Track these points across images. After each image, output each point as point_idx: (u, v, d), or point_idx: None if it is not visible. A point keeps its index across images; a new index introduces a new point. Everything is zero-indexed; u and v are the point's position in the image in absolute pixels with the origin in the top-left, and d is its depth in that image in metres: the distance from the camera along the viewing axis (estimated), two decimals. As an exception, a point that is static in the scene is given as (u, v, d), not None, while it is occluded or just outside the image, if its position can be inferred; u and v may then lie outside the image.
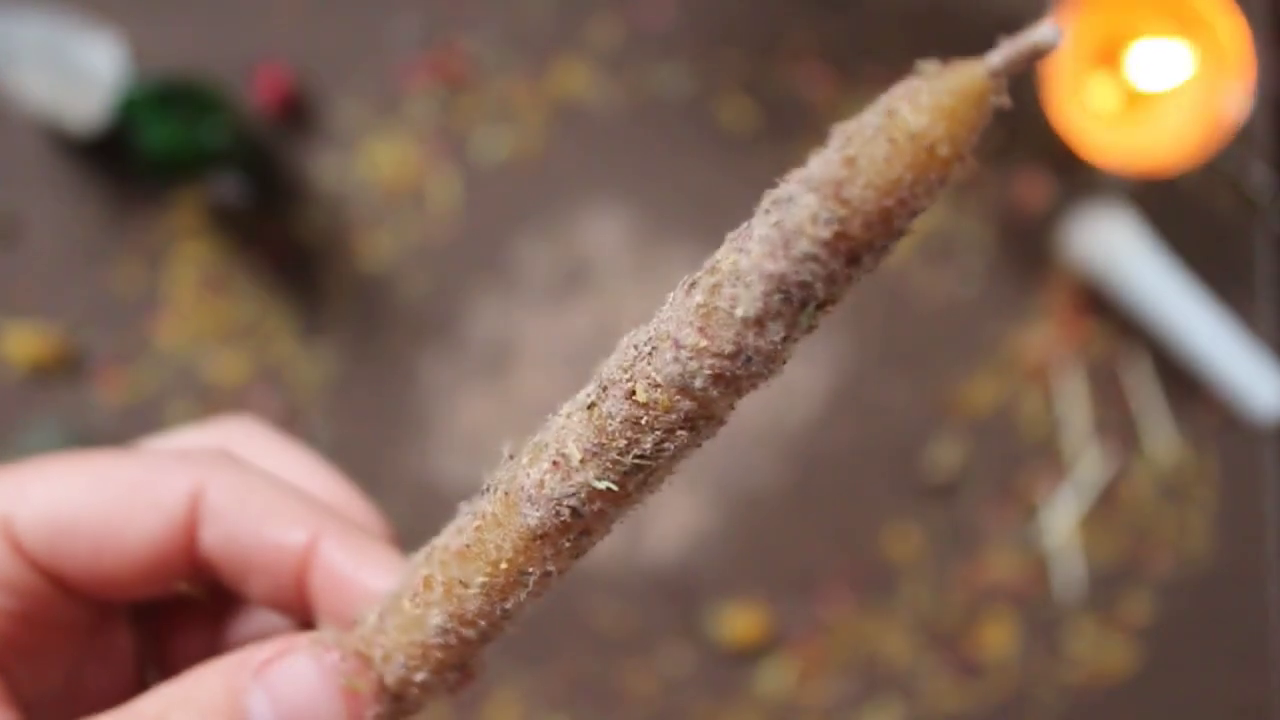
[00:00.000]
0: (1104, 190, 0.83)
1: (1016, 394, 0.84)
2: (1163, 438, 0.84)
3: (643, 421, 0.23)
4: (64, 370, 0.81)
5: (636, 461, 0.23)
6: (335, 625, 0.30)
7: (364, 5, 0.83)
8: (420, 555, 0.28)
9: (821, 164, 0.20)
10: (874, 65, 0.83)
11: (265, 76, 0.81)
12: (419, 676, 0.28)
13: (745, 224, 0.21)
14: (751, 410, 0.83)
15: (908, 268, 0.83)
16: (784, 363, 0.22)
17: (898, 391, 0.83)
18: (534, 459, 0.24)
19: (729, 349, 0.21)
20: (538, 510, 0.24)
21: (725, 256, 0.21)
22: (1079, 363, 0.84)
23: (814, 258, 0.20)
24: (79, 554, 0.29)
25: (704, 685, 0.83)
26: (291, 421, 0.82)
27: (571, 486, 0.24)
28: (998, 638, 0.83)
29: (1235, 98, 0.77)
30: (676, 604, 0.83)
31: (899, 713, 0.83)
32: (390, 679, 0.28)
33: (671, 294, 0.22)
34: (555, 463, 0.24)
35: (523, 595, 0.26)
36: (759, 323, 0.21)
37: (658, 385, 0.22)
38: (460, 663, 0.28)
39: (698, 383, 0.22)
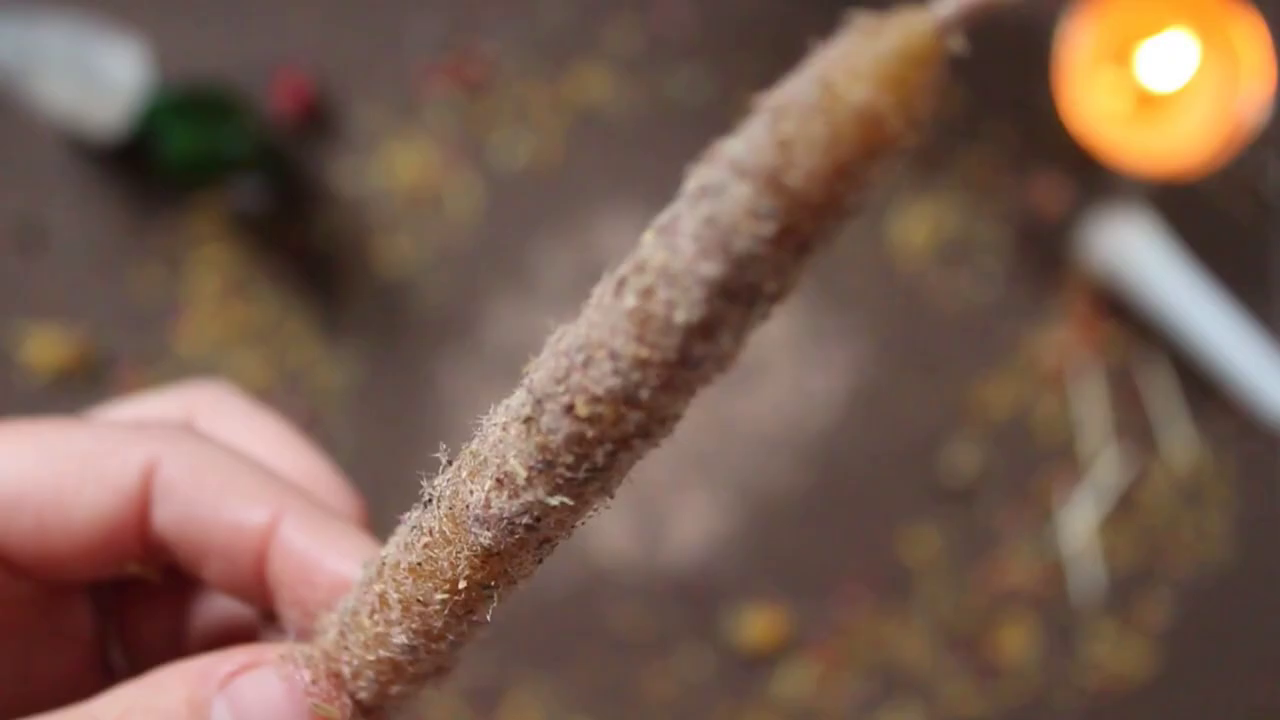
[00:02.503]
0: (1122, 193, 0.83)
1: (1034, 397, 0.84)
2: (1181, 441, 0.84)
3: (589, 436, 0.20)
4: (86, 375, 0.82)
5: (589, 475, 0.21)
6: (297, 614, 0.28)
7: (383, 10, 0.83)
8: (371, 569, 0.25)
9: (751, 148, 0.17)
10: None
11: (285, 82, 0.81)
12: (394, 689, 0.26)
13: (670, 209, 0.18)
14: (770, 414, 0.83)
15: (925, 271, 0.83)
16: (738, 357, 0.19)
17: (915, 395, 0.83)
18: (474, 474, 0.22)
19: (674, 357, 0.18)
20: (489, 530, 0.22)
21: (653, 252, 0.18)
22: (1097, 366, 0.84)
23: (757, 257, 0.17)
24: (22, 530, 0.27)
25: (723, 688, 0.83)
26: (311, 426, 0.82)
27: (522, 505, 0.21)
28: (1016, 641, 0.83)
29: (1253, 101, 0.77)
30: (695, 607, 0.83)
31: (917, 715, 0.83)
32: (363, 695, 0.26)
33: (598, 290, 0.19)
34: (499, 480, 0.21)
35: (490, 607, 0.24)
36: (704, 328, 0.18)
37: (599, 399, 0.19)
38: (436, 670, 0.26)
39: (644, 394, 0.19)
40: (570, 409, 0.20)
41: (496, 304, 0.83)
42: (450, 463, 0.23)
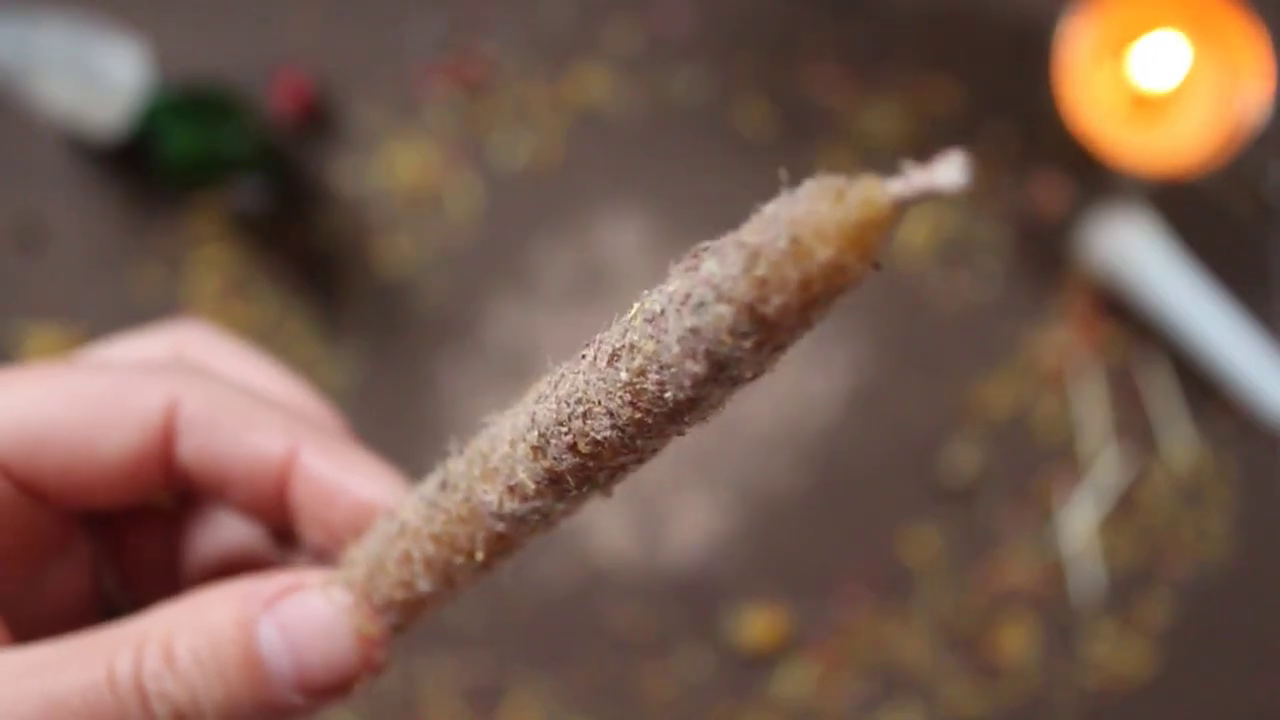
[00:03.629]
0: (1121, 193, 0.83)
1: (1034, 397, 0.84)
2: (1181, 440, 0.84)
3: (590, 465, 0.23)
4: (86, 375, 0.81)
5: (590, 488, 0.24)
6: (318, 534, 0.31)
7: (383, 10, 0.83)
8: (393, 527, 0.28)
9: (730, 280, 0.19)
10: (891, 68, 0.83)
11: (285, 82, 0.81)
12: (420, 615, 0.29)
13: (656, 296, 0.21)
14: (770, 414, 0.83)
15: (925, 271, 0.83)
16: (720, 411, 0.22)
17: (915, 395, 0.83)
18: (487, 477, 0.25)
19: (664, 419, 0.22)
20: (502, 524, 0.26)
21: (643, 341, 0.21)
22: (1097, 366, 0.84)
23: (736, 360, 0.20)
24: (53, 463, 0.29)
25: (723, 688, 0.83)
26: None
27: (531, 507, 0.25)
28: (1016, 641, 0.83)
29: (1253, 100, 0.77)
30: (695, 607, 0.83)
31: (917, 715, 0.83)
32: (393, 620, 0.29)
33: (590, 351, 0.22)
34: (511, 489, 0.25)
35: (503, 564, 0.28)
36: (692, 402, 0.21)
37: (598, 443, 0.23)
38: (452, 600, 0.29)
39: (639, 442, 0.22)
40: (573, 446, 0.23)
41: (496, 304, 0.83)
42: (462, 453, 0.27)
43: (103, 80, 0.76)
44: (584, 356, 0.23)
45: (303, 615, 0.28)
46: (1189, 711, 0.84)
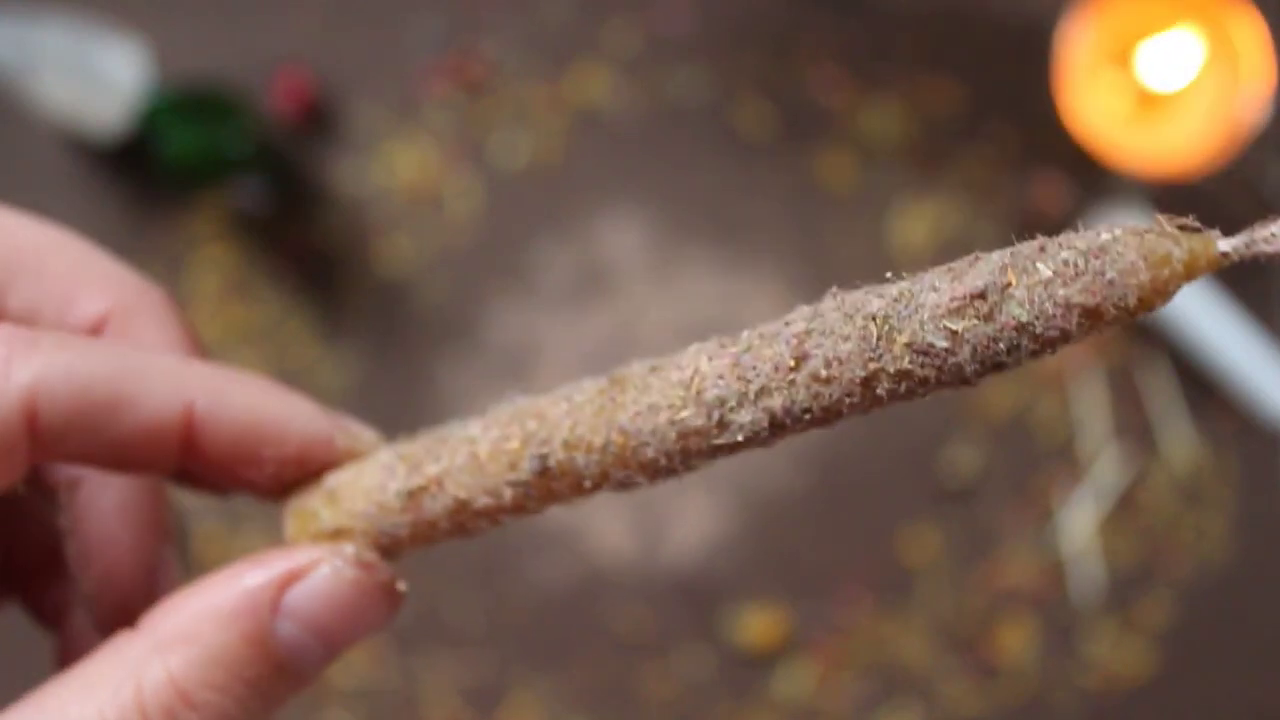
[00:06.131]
0: (1121, 194, 0.83)
1: (1034, 397, 0.84)
2: (1181, 440, 0.84)
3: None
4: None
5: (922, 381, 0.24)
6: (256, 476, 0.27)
7: (383, 10, 0.83)
8: (545, 399, 0.26)
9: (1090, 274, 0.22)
10: (891, 69, 0.83)
11: (285, 82, 0.81)
12: (481, 501, 0.27)
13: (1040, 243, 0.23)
14: (769, 414, 0.83)
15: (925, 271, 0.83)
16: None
17: (915, 395, 0.83)
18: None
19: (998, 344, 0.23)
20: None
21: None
22: (1097, 366, 0.84)
23: (1050, 318, 0.22)
24: (91, 425, 0.25)
25: (723, 688, 0.83)
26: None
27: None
28: (1016, 641, 0.83)
29: (1253, 100, 0.77)
30: (695, 607, 0.83)
31: (917, 716, 0.83)
32: (440, 502, 0.27)
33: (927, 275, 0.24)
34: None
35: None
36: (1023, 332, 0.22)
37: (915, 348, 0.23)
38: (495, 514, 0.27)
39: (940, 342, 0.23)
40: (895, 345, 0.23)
41: (496, 303, 0.83)
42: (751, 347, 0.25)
43: (103, 80, 0.76)
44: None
45: (319, 599, 0.25)
46: (1189, 711, 0.84)
